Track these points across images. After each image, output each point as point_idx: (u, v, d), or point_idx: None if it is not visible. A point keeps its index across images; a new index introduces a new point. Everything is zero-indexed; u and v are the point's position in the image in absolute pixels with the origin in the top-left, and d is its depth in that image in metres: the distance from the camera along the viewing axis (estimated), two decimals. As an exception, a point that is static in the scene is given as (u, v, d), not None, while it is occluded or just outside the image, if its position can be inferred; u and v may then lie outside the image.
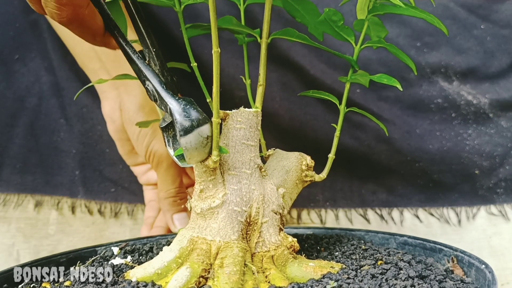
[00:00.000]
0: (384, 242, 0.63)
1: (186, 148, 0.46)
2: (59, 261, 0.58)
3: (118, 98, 0.74)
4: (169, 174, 0.74)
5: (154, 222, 0.79)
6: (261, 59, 0.52)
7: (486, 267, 0.49)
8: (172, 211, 0.75)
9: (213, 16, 0.44)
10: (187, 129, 0.46)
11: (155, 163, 0.74)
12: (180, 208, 0.75)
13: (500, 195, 0.83)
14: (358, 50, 0.56)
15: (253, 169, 0.51)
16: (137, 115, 0.73)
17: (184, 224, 0.74)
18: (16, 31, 0.86)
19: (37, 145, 0.86)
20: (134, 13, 0.52)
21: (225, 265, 0.46)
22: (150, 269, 0.47)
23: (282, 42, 0.80)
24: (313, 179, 0.57)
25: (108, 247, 0.62)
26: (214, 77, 0.46)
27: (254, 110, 0.51)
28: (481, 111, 0.82)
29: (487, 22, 0.83)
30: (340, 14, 0.54)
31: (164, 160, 0.73)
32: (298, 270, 0.49)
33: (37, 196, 0.85)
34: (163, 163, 0.73)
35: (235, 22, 0.55)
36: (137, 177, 0.82)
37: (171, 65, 0.59)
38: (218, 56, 0.46)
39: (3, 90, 0.86)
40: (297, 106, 0.82)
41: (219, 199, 0.49)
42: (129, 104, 0.73)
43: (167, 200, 0.74)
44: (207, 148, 0.47)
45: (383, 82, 0.54)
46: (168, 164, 0.73)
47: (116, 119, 0.75)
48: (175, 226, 0.75)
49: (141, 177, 0.81)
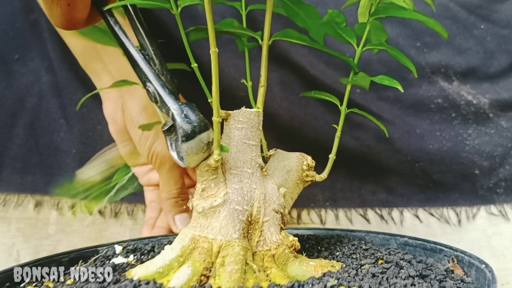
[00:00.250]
0: (385, 243, 0.63)
1: (187, 153, 0.47)
2: (61, 261, 0.58)
3: (120, 99, 0.74)
4: (171, 175, 0.74)
5: (156, 223, 0.79)
6: (262, 61, 0.52)
7: (486, 267, 0.49)
8: (174, 212, 0.75)
9: (210, 16, 0.45)
10: (189, 135, 0.46)
11: (157, 164, 0.74)
12: (182, 208, 0.75)
13: (500, 195, 0.83)
14: (359, 52, 0.56)
15: (255, 169, 0.51)
16: (140, 116, 0.73)
17: (186, 224, 0.73)
18: (16, 31, 0.86)
19: (37, 145, 0.86)
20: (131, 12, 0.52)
21: (226, 264, 0.46)
22: (152, 268, 0.47)
23: (282, 42, 0.80)
24: (314, 179, 0.57)
25: (110, 246, 0.62)
26: (213, 77, 0.46)
27: (255, 110, 0.51)
28: (481, 111, 0.82)
29: (487, 22, 0.83)
30: (343, 16, 0.54)
31: (166, 161, 0.73)
32: (299, 269, 0.49)
33: (37, 196, 0.85)
34: (165, 164, 0.73)
35: (236, 24, 0.55)
36: (138, 177, 0.82)
37: (171, 66, 0.59)
38: (216, 56, 0.46)
39: (3, 90, 0.86)
40: (297, 106, 0.82)
41: (220, 198, 0.49)
42: (131, 105, 0.73)
43: (169, 201, 0.74)
44: (207, 152, 0.48)
45: (384, 83, 0.54)
46: (170, 165, 0.73)
47: (118, 120, 0.75)
48: (176, 227, 0.75)
49: (142, 177, 0.81)
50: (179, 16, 0.53)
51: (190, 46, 0.79)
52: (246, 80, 0.60)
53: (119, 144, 0.78)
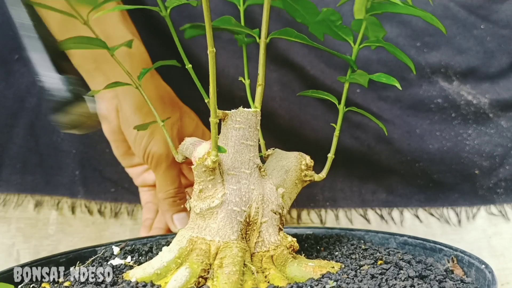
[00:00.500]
0: (384, 242, 0.63)
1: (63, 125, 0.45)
2: (59, 261, 0.58)
3: (115, 99, 0.73)
4: (168, 175, 0.74)
5: (153, 224, 0.79)
6: (260, 59, 0.52)
7: (486, 267, 0.49)
8: (172, 211, 0.74)
9: (207, 15, 0.44)
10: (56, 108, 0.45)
11: (153, 164, 0.73)
12: (179, 208, 0.75)
13: (500, 195, 0.83)
14: (356, 49, 0.56)
15: (252, 169, 0.50)
16: (134, 116, 0.72)
17: (184, 224, 0.73)
18: (16, 31, 0.86)
19: (37, 145, 0.86)
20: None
21: (224, 265, 0.46)
22: (150, 270, 0.47)
23: (282, 43, 0.80)
24: (312, 179, 0.57)
25: (108, 247, 0.62)
26: (210, 77, 0.46)
27: (253, 110, 0.51)
28: (481, 111, 0.82)
29: (487, 22, 0.83)
30: (338, 14, 0.54)
31: (163, 161, 0.73)
32: (298, 270, 0.49)
33: (37, 196, 0.85)
34: (162, 164, 0.73)
35: (233, 22, 0.55)
36: (133, 178, 0.82)
37: (162, 63, 0.59)
38: (214, 56, 0.45)
39: (3, 90, 0.85)
40: (297, 106, 0.82)
41: (218, 199, 0.49)
42: (126, 105, 0.73)
43: (167, 201, 0.74)
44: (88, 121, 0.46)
45: (382, 81, 0.54)
46: (167, 165, 0.73)
47: (113, 120, 0.74)
48: (175, 226, 0.74)
49: (136, 178, 0.81)
50: (169, 17, 0.53)
51: (190, 46, 0.79)
52: (244, 78, 0.59)
53: (113, 144, 0.77)
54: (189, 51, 0.79)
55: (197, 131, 0.77)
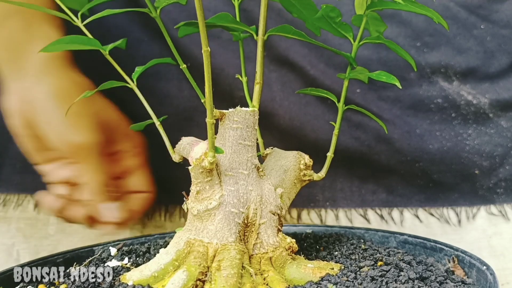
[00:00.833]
0: (384, 241, 0.62)
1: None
2: (56, 261, 0.58)
3: (22, 91, 0.69)
4: (91, 162, 0.69)
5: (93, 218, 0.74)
6: (257, 56, 0.51)
7: (487, 269, 0.48)
8: (99, 201, 0.70)
9: (200, 14, 0.43)
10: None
11: (74, 153, 0.69)
12: (106, 197, 0.70)
13: (500, 195, 0.83)
14: (356, 46, 0.55)
15: (251, 170, 0.50)
16: (49, 102, 0.67)
17: (113, 214, 0.70)
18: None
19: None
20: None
21: (222, 268, 0.45)
22: (147, 272, 0.47)
23: (281, 42, 0.80)
24: (311, 178, 0.57)
25: (105, 246, 0.62)
26: (206, 77, 0.45)
27: (251, 109, 0.50)
28: (481, 111, 0.82)
29: (487, 22, 0.82)
30: (338, 10, 0.53)
31: (85, 147, 0.68)
32: (297, 272, 0.49)
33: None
34: (83, 150, 0.68)
35: (230, 19, 0.54)
36: (46, 175, 0.74)
37: (157, 61, 0.58)
38: (209, 55, 0.45)
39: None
40: (297, 106, 0.82)
41: (216, 201, 0.48)
42: (39, 93, 0.68)
43: (93, 190, 0.70)
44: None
45: (382, 80, 0.54)
46: (88, 151, 0.68)
47: (24, 112, 0.69)
48: (103, 216, 0.70)
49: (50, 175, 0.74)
50: (159, 18, 0.52)
51: (189, 45, 0.79)
52: (241, 75, 0.59)
53: (24, 139, 0.71)
54: (189, 51, 0.79)
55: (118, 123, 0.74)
